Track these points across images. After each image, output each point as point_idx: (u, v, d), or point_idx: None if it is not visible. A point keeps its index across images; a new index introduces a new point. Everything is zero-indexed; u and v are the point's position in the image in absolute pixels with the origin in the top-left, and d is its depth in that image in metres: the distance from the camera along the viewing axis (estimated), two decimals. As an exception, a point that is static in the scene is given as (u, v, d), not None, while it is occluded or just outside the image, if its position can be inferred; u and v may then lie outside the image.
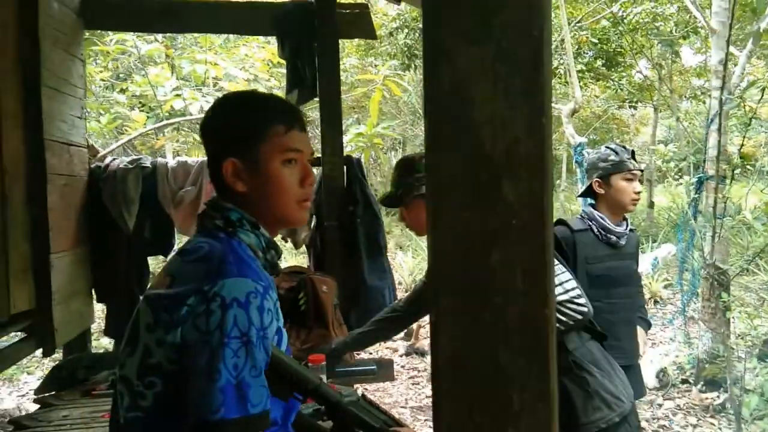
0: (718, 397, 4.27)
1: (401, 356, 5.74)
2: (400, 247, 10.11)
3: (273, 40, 4.77)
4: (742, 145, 3.62)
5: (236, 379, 0.93)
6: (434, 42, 0.63)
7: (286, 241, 3.26)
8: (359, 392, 1.76)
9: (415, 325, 5.77)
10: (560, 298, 1.80)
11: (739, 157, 4.36)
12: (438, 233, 0.64)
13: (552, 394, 0.60)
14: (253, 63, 6.46)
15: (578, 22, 8.87)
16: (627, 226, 2.48)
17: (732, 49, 6.27)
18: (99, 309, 3.96)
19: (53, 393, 2.40)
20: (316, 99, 3.12)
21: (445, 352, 0.62)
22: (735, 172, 4.20)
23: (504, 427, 0.60)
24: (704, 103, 8.83)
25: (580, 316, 1.82)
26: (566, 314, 1.80)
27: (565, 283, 1.84)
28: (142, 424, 1.02)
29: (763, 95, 3.72)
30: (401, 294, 6.82)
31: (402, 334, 6.04)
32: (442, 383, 0.62)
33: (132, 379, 1.02)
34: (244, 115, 1.13)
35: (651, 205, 11.46)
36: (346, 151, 4.74)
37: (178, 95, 4.84)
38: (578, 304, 1.82)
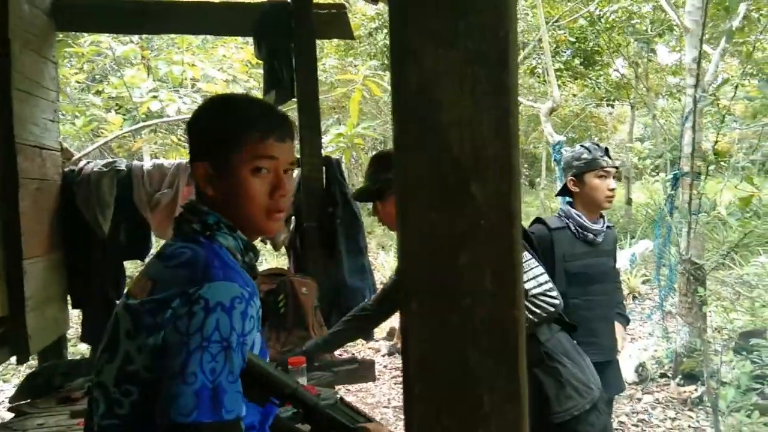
0: (695, 390, 4.34)
1: (383, 356, 5.74)
2: (382, 247, 10.12)
3: (251, 40, 4.75)
4: (716, 141, 3.68)
5: (213, 384, 0.93)
6: (401, 42, 0.63)
7: (266, 243, 3.24)
8: (338, 396, 1.75)
9: (398, 325, 5.78)
10: (533, 291, 1.83)
11: (714, 154, 4.43)
12: (406, 235, 0.64)
13: (522, 395, 0.60)
14: (231, 64, 6.42)
15: (556, 21, 8.95)
16: (604, 223, 2.51)
17: (706, 47, 6.37)
18: (75, 315, 3.90)
19: (28, 401, 2.36)
20: (295, 99, 3.10)
21: (414, 354, 0.62)
22: (709, 168, 4.26)
23: (473, 428, 0.60)
24: (680, 100, 8.96)
25: (552, 309, 1.85)
26: (540, 307, 1.83)
27: (538, 276, 1.87)
28: None
29: (735, 92, 3.78)
30: (383, 294, 6.76)
31: (384, 334, 6.04)
32: (411, 385, 0.62)
33: (109, 386, 1.01)
34: (218, 119, 1.12)
35: (629, 201, 11.60)
36: (327, 151, 4.72)
37: (154, 97, 4.78)
38: (551, 297, 1.85)
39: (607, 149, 2.54)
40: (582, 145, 2.56)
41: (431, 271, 0.62)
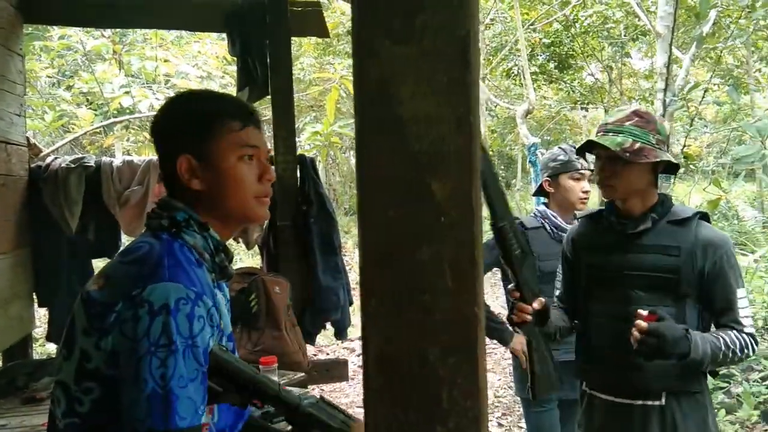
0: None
1: (358, 356, 5.73)
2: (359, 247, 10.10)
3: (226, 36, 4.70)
4: (685, 145, 3.75)
5: (163, 390, 0.91)
6: (361, 39, 0.63)
7: (238, 242, 3.21)
8: (317, 394, 1.75)
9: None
10: (751, 330, 1.68)
11: (683, 157, 4.51)
12: (366, 231, 0.63)
13: (481, 393, 0.61)
14: (206, 60, 6.35)
15: (531, 24, 9.04)
16: (578, 224, 2.54)
17: (678, 52, 6.50)
18: (43, 314, 3.82)
19: (-10, 402, 2.30)
20: (269, 97, 3.08)
21: (374, 352, 0.62)
22: (679, 171, 4.34)
23: (432, 425, 0.60)
24: (652, 104, 9.11)
25: (749, 356, 1.70)
26: (742, 349, 1.67)
27: (750, 318, 1.71)
28: (80, 431, 0.99)
29: (704, 97, 3.87)
30: (357, 293, 6.77)
31: (359, 334, 6.03)
32: (371, 383, 0.62)
33: (69, 384, 0.99)
34: (199, 111, 1.12)
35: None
36: (304, 150, 4.70)
37: (126, 92, 4.71)
38: (756, 342, 1.70)
39: (577, 148, 2.58)
40: (560, 147, 2.59)
41: (392, 269, 0.62)
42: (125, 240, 3.25)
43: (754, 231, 5.31)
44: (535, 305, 1.65)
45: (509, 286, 1.69)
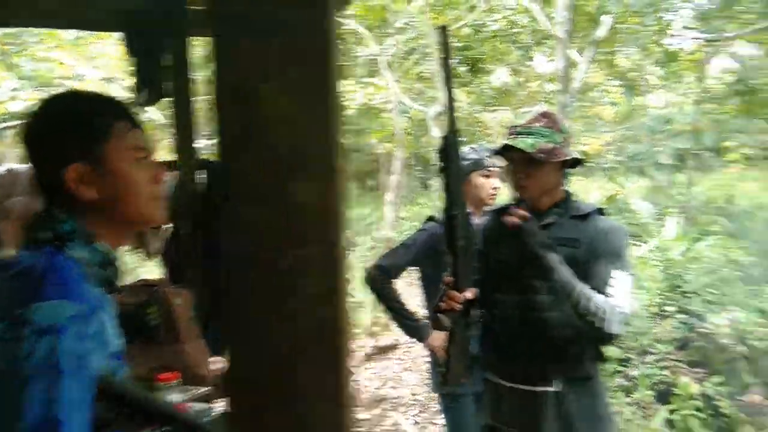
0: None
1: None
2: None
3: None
4: (583, 144, 3.96)
5: (48, 417, 0.83)
6: (221, 39, 0.60)
7: (139, 250, 3.05)
8: (220, 409, 1.67)
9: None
10: (628, 312, 1.75)
11: (583, 155, 4.75)
12: (229, 237, 0.61)
13: (345, 401, 0.59)
14: (108, 61, 6.05)
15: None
16: (489, 220, 2.62)
17: (576, 56, 6.85)
18: None
19: None
20: (170, 99, 2.95)
21: (238, 362, 0.59)
22: (582, 166, 4.58)
23: (296, 437, 0.58)
24: (554, 105, 9.54)
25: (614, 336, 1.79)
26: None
27: (624, 300, 1.77)
28: None
29: (599, 98, 4.09)
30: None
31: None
32: (235, 393, 0.59)
33: None
34: (84, 113, 1.03)
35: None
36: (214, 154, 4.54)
37: (15, 97, 4.38)
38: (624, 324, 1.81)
39: (493, 151, 2.65)
40: (470, 147, 2.67)
41: (255, 273, 0.60)
42: (12, 254, 3.01)
43: (647, 223, 5.69)
44: (468, 294, 1.70)
45: (444, 273, 1.72)
